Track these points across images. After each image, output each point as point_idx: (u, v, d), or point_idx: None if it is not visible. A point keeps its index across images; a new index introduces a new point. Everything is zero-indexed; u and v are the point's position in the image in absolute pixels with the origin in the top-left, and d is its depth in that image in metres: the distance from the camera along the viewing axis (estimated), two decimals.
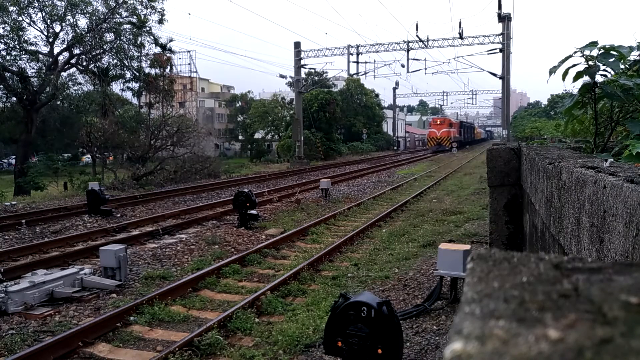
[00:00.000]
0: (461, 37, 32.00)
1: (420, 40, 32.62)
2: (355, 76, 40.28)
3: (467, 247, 6.87)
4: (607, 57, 2.92)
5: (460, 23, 36.86)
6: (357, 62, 34.92)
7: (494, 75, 32.31)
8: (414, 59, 35.03)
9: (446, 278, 6.70)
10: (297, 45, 36.73)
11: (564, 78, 3.05)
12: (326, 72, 39.26)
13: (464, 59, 33.86)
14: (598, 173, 1.78)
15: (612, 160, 2.20)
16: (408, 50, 33.97)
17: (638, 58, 3.34)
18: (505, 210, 5.45)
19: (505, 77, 32.07)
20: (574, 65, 3.01)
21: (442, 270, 6.49)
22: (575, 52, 2.99)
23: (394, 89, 65.74)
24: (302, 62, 37.02)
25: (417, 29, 31.38)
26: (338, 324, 4.22)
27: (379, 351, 4.07)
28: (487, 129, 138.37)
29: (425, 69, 36.71)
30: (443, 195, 18.28)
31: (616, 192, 1.47)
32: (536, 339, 0.38)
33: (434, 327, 5.90)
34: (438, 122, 60.07)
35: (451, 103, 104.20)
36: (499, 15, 30.50)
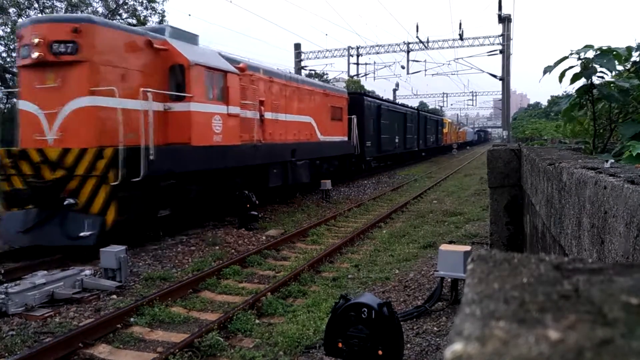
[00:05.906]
0: (461, 38, 32.02)
1: (421, 42, 32.65)
2: (355, 77, 40.29)
3: (468, 248, 6.86)
4: (603, 59, 2.92)
5: (460, 24, 36.88)
6: (357, 64, 35.00)
7: (494, 76, 32.31)
8: (414, 61, 35.12)
9: (447, 279, 6.69)
10: (297, 46, 36.76)
11: (560, 80, 3.05)
12: (326, 74, 39.24)
13: (464, 61, 33.86)
14: (598, 174, 1.79)
15: (612, 161, 2.21)
16: (408, 52, 34.02)
17: (638, 59, 3.34)
18: (506, 211, 5.46)
19: (505, 79, 32.07)
20: (570, 67, 3.01)
21: (443, 271, 6.48)
22: (570, 54, 2.98)
23: (394, 90, 65.63)
24: (303, 63, 37.04)
25: (417, 30, 31.44)
26: (338, 325, 4.22)
27: (380, 352, 4.07)
28: (487, 129, 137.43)
29: (425, 70, 36.76)
30: (443, 196, 18.27)
31: (617, 193, 1.47)
32: (536, 339, 0.38)
33: (435, 328, 5.89)
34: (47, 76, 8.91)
35: (451, 104, 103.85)
36: (499, 16, 30.50)
